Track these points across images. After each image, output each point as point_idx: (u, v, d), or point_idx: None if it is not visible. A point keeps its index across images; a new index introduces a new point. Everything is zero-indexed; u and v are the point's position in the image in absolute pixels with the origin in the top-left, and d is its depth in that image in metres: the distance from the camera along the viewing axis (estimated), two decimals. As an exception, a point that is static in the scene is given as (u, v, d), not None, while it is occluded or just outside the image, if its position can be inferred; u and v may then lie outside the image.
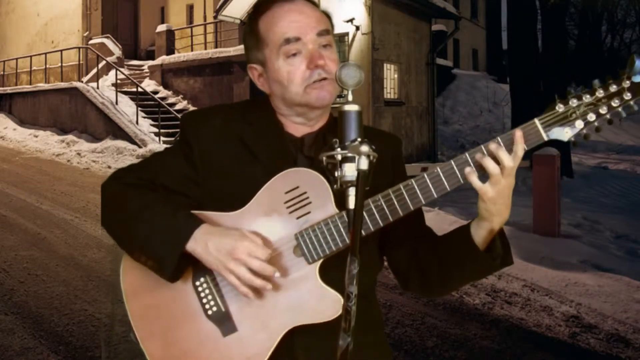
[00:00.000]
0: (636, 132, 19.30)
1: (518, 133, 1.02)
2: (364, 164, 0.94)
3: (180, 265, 1.10)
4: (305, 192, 1.10)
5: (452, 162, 1.05)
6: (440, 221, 6.35)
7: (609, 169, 13.63)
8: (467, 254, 1.09)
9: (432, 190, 1.06)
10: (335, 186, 0.98)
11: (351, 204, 0.95)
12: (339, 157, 0.97)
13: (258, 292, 1.08)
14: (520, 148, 1.02)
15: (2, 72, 21.06)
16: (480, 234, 1.08)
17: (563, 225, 6.77)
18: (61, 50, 17.37)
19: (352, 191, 0.95)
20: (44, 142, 14.19)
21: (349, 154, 0.96)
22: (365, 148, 0.95)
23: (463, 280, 1.18)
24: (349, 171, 0.96)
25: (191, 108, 14.37)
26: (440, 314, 4.19)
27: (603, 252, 6.00)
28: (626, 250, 6.33)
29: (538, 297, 4.56)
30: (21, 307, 4.21)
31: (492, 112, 18.71)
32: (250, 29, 1.21)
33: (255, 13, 1.20)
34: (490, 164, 1.01)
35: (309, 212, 1.10)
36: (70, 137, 14.04)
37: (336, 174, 0.97)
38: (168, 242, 1.09)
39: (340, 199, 1.05)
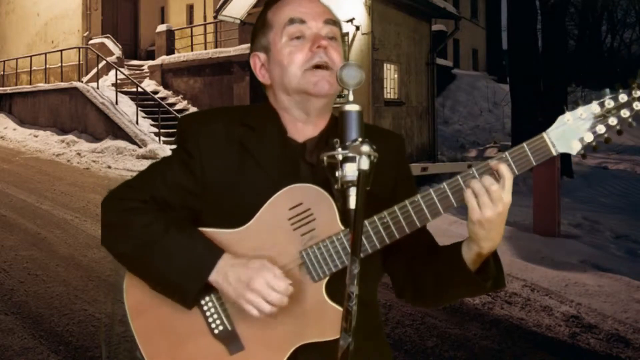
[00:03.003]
0: (636, 132, 19.33)
1: (503, 168, 1.00)
2: (364, 164, 0.93)
3: (200, 294, 1.09)
4: (309, 209, 1.09)
5: (460, 179, 1.04)
6: (440, 221, 6.32)
7: (609, 169, 13.62)
8: (458, 274, 1.07)
9: (439, 206, 1.05)
10: (336, 186, 0.98)
11: (352, 204, 0.95)
12: (340, 157, 0.96)
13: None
14: (508, 183, 1.00)
15: (2, 72, 21.06)
16: (469, 256, 1.06)
17: (563, 225, 6.77)
18: (61, 50, 17.38)
19: (352, 191, 0.95)
20: (44, 142, 14.19)
21: (350, 154, 0.95)
22: (366, 148, 0.94)
23: (455, 297, 1.16)
24: (350, 171, 0.95)
25: (191, 108, 14.37)
26: (440, 314, 4.19)
27: (603, 252, 6.00)
28: (626, 250, 6.33)
29: (538, 297, 4.56)
30: (21, 307, 4.21)
31: (492, 112, 18.71)
32: (258, 19, 1.22)
33: (266, 6, 1.21)
34: (487, 181, 1.00)
35: (313, 229, 1.09)
36: (70, 137, 14.04)
37: (337, 174, 0.97)
38: (190, 275, 1.07)
39: (344, 216, 1.04)
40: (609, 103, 1.01)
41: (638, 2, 23.91)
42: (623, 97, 1.00)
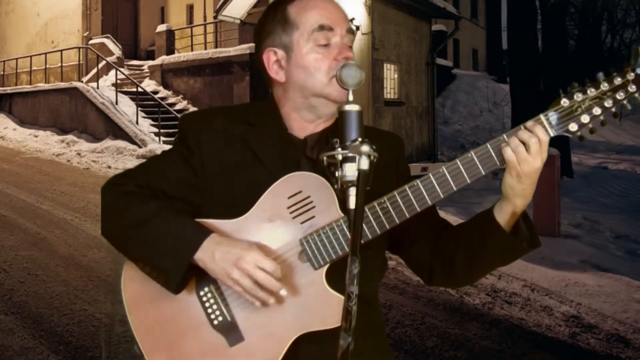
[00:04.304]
0: (636, 132, 19.31)
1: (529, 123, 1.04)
2: (364, 164, 0.94)
3: (185, 278, 1.08)
4: (309, 197, 1.09)
5: (458, 162, 1.05)
6: (440, 221, 6.34)
7: (609, 169, 13.63)
8: (492, 237, 1.08)
9: (438, 190, 1.06)
10: (335, 186, 0.98)
11: (352, 204, 0.95)
12: (340, 157, 0.97)
13: (263, 301, 1.06)
14: (540, 131, 1.03)
15: (2, 72, 21.06)
16: (503, 217, 1.08)
17: (563, 225, 6.78)
18: (61, 50, 17.37)
19: (352, 191, 0.95)
20: (44, 142, 14.18)
21: (350, 154, 0.96)
22: (365, 148, 0.94)
23: (490, 265, 1.16)
24: (350, 171, 0.95)
25: (191, 108, 14.37)
26: (440, 314, 4.19)
27: (603, 252, 6.00)
28: (626, 250, 6.33)
29: (538, 297, 4.56)
30: (21, 307, 4.21)
31: (492, 112, 18.71)
32: (275, 13, 1.18)
33: (286, 1, 1.18)
34: (525, 135, 1.03)
35: (313, 217, 1.08)
36: (70, 137, 14.03)
37: (337, 174, 0.97)
38: (175, 254, 1.07)
39: (343, 201, 1.04)
40: (604, 86, 1.02)
41: (638, 2, 23.91)
42: (617, 80, 1.02)
